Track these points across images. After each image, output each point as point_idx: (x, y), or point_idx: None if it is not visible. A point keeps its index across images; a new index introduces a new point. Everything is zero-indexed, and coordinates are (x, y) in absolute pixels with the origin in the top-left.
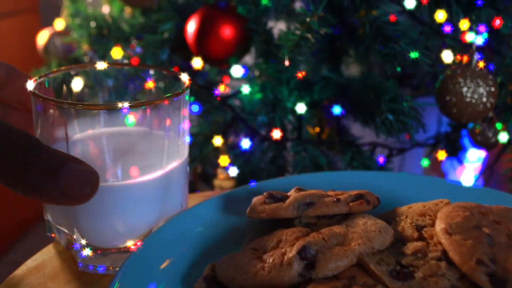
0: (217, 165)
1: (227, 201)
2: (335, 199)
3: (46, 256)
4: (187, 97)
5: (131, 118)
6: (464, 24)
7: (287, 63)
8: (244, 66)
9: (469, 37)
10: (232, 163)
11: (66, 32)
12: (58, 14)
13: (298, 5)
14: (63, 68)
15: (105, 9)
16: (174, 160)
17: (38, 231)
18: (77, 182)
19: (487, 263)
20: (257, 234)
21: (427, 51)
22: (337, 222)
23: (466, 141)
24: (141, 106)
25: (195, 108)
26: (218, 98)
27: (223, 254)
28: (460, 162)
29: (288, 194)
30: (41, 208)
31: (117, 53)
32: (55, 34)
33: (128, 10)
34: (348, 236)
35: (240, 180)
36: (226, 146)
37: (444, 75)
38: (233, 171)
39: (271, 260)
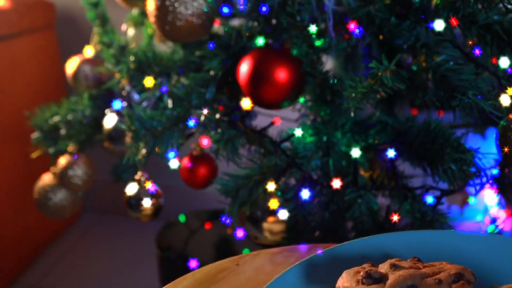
0: (265, 207)
1: (309, 270)
2: (437, 281)
3: None
4: None
5: None
6: None
7: (352, 114)
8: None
9: None
10: (281, 206)
11: (96, 60)
12: (73, 33)
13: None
14: None
15: (130, 32)
16: None
17: (53, 253)
18: None
19: None
20: None
21: (493, 101)
22: None
23: None
24: None
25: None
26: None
27: None
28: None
29: (383, 271)
30: (55, 230)
31: (149, 82)
32: (85, 62)
33: (157, 38)
34: None
35: (290, 224)
36: (276, 189)
37: (505, 121)
38: (284, 214)
39: None
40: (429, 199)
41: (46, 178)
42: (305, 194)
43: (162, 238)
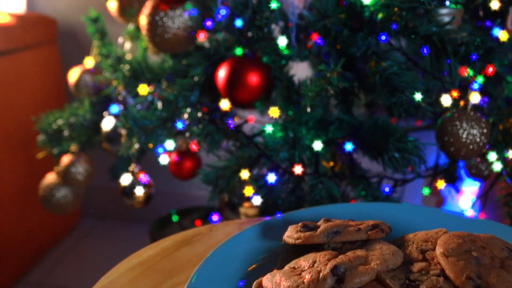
0: (242, 195)
1: (265, 229)
2: (356, 229)
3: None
4: None
5: None
6: (460, 73)
7: (308, 109)
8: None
9: (466, 84)
10: (256, 193)
11: (95, 70)
12: (75, 47)
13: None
14: None
15: (127, 46)
16: None
17: (55, 254)
18: None
19: (474, 278)
20: (292, 256)
21: (428, 99)
22: (358, 247)
23: (462, 172)
24: None
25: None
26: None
27: (267, 272)
28: (458, 189)
29: (318, 224)
30: (57, 233)
31: (143, 90)
32: (85, 72)
33: (151, 50)
34: (368, 258)
35: (263, 208)
36: (251, 178)
37: (443, 118)
38: (257, 200)
39: (309, 276)
40: (386, 189)
41: (50, 177)
42: (272, 178)
43: (156, 236)
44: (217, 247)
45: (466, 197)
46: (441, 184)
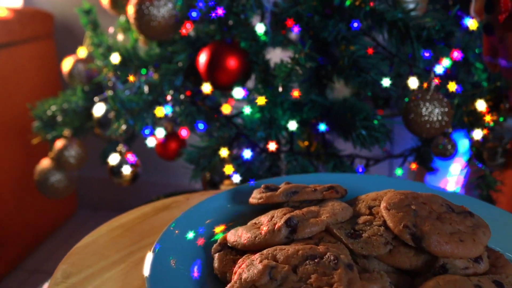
0: (223, 173)
1: (235, 194)
2: (313, 189)
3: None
4: None
5: None
6: (424, 56)
7: (280, 89)
8: (245, 89)
9: (430, 67)
10: (235, 172)
11: (88, 59)
12: (71, 41)
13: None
14: None
15: (120, 37)
16: None
17: (51, 243)
18: None
19: (410, 227)
20: (257, 215)
21: (393, 80)
22: (314, 206)
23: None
24: None
25: (201, 126)
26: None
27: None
28: (435, 173)
29: (280, 186)
30: (54, 223)
31: (133, 78)
32: (79, 61)
33: (141, 41)
34: (320, 212)
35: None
36: (230, 157)
37: (408, 98)
38: (236, 178)
39: (266, 228)
40: (360, 169)
41: (45, 162)
42: (247, 153)
43: None
44: (188, 209)
45: (451, 182)
46: (414, 166)
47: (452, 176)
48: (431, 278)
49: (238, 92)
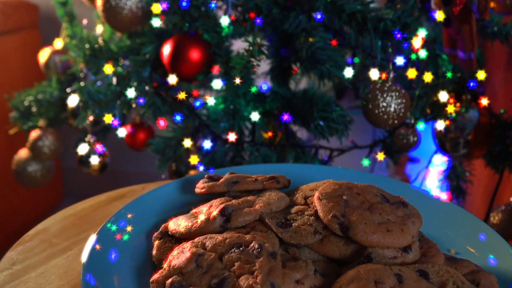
0: (188, 163)
1: (184, 183)
2: (254, 180)
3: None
4: None
5: None
6: (380, 48)
7: (238, 80)
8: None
9: (389, 58)
10: (200, 162)
11: (64, 50)
12: (56, 32)
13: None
14: None
15: (99, 30)
16: None
17: None
18: None
19: (339, 216)
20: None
21: (346, 69)
22: (252, 196)
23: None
24: None
25: (178, 117)
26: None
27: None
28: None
29: (223, 176)
30: (39, 212)
31: (108, 69)
32: (55, 52)
33: (118, 33)
34: (255, 202)
35: None
36: (195, 147)
37: (368, 89)
38: (201, 168)
39: (203, 217)
40: (324, 159)
41: (22, 152)
42: (207, 144)
43: None
44: (137, 197)
45: (432, 176)
46: (381, 156)
47: (434, 167)
48: (354, 267)
49: (217, 83)
